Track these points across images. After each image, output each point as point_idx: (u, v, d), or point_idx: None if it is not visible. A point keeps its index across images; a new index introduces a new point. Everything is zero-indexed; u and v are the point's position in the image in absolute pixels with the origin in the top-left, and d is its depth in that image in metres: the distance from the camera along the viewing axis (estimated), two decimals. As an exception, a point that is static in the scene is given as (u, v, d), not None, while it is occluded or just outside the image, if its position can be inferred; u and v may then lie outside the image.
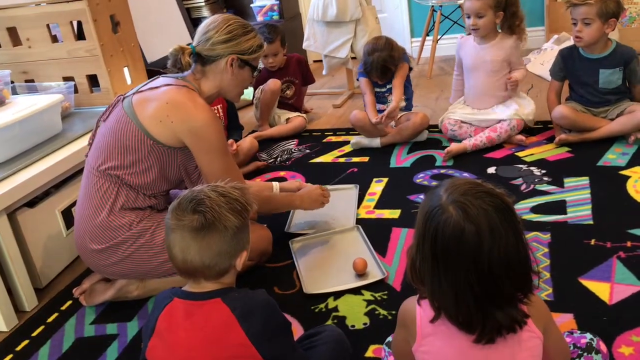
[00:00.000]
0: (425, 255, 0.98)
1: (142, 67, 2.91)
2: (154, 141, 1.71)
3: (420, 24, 4.61)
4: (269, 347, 1.12)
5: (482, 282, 0.94)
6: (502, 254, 0.93)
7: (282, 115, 3.38)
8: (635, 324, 1.46)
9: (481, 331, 0.98)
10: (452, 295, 0.96)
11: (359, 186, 2.47)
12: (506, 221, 0.95)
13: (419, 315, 1.06)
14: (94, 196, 1.75)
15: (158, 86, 1.77)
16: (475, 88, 2.82)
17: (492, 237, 0.93)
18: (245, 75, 1.85)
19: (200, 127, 1.71)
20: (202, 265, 1.13)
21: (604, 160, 2.41)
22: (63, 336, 1.78)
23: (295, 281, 1.88)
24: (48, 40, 2.65)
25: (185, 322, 1.13)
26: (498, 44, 2.73)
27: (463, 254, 0.94)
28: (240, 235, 1.16)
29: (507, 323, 0.97)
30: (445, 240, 0.95)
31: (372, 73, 2.86)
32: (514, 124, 2.67)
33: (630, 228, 1.88)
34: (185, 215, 1.13)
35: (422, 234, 0.98)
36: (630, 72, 2.51)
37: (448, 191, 0.98)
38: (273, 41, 3.23)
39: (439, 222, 0.95)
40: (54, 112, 2.28)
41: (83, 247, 1.79)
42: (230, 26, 1.78)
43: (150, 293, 1.87)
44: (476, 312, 0.96)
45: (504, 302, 0.97)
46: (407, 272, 1.06)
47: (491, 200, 0.96)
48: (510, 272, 0.95)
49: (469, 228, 0.93)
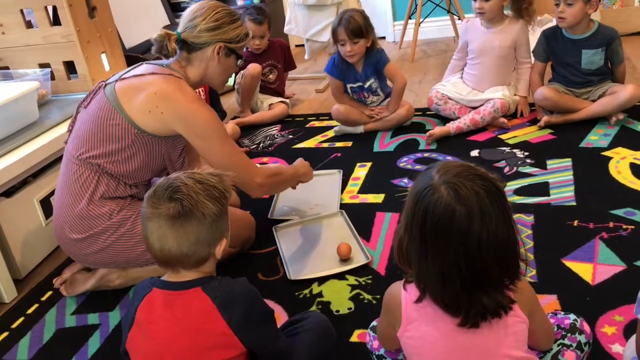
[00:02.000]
0: (413, 236, 0.97)
1: (120, 53, 2.86)
2: (138, 130, 1.68)
3: (403, 7, 4.57)
4: (251, 335, 1.11)
5: (469, 264, 0.93)
6: (492, 237, 0.92)
7: (265, 101, 3.35)
8: (617, 303, 1.47)
9: (466, 314, 0.97)
10: (439, 276, 0.95)
11: (342, 171, 2.46)
12: (497, 205, 0.94)
13: (404, 300, 1.05)
14: (73, 185, 1.71)
15: (143, 74, 1.73)
16: (481, 71, 2.80)
17: (482, 220, 0.92)
18: (231, 64, 1.83)
19: (192, 115, 1.69)
20: (181, 254, 1.11)
21: (586, 141, 2.42)
22: (44, 327, 1.75)
23: (279, 267, 1.87)
24: (22, 26, 2.58)
25: (165, 313, 1.11)
26: (506, 29, 2.70)
27: (452, 235, 0.93)
28: (218, 223, 1.14)
29: (493, 308, 0.96)
30: (435, 221, 0.93)
31: (339, 28, 2.66)
32: (497, 106, 2.66)
33: (613, 209, 1.89)
34: (162, 204, 1.10)
35: (412, 214, 0.97)
36: (612, 52, 2.52)
37: (440, 172, 0.97)
38: (262, 22, 3.20)
39: (430, 202, 0.94)
40: (29, 99, 2.23)
41: (62, 237, 1.76)
42: (217, 14, 1.75)
43: (132, 282, 1.84)
44: (462, 294, 0.95)
45: (490, 287, 0.96)
46: (394, 253, 1.05)
47: (483, 183, 0.95)
48: (499, 257, 0.94)
49: (460, 209, 0.92)
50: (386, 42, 4.79)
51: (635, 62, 3.30)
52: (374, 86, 2.84)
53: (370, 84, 2.83)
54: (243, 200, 2.27)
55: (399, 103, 2.82)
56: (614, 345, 1.34)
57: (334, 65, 2.82)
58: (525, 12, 2.68)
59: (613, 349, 1.34)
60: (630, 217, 1.83)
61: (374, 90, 2.86)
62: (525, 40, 2.73)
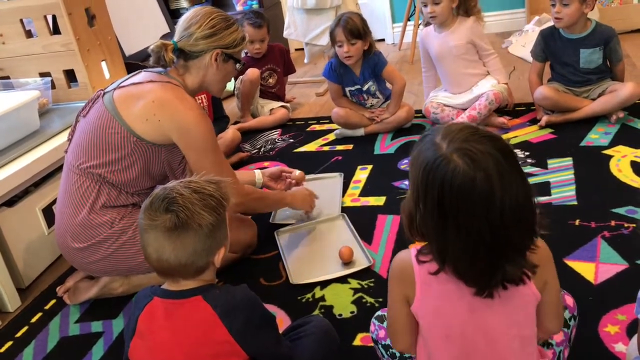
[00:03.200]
0: (428, 210, 0.92)
1: (120, 60, 2.87)
2: (138, 138, 1.68)
3: (401, 9, 4.59)
4: (253, 342, 1.10)
5: (493, 232, 0.88)
6: (514, 201, 0.88)
7: (266, 106, 3.35)
8: (620, 302, 1.46)
9: (487, 283, 0.93)
10: (462, 248, 0.91)
11: (343, 174, 2.46)
12: (513, 165, 0.90)
13: (417, 270, 1.00)
14: (74, 194, 1.72)
15: (141, 82, 1.73)
16: (449, 75, 2.82)
17: (502, 183, 0.87)
18: (229, 69, 1.82)
19: (189, 125, 1.68)
20: (178, 264, 1.10)
21: (587, 140, 2.42)
22: (47, 336, 1.75)
23: (282, 272, 1.87)
24: (22, 36, 2.59)
25: (166, 323, 1.11)
26: (457, 28, 2.72)
27: (474, 204, 0.88)
28: (216, 233, 1.13)
29: (516, 275, 0.93)
30: (455, 192, 0.88)
31: (337, 29, 2.68)
32: (491, 98, 2.65)
33: (614, 207, 1.89)
34: (158, 215, 1.09)
35: (423, 187, 0.91)
36: (610, 51, 2.51)
37: (446, 139, 0.91)
38: (262, 26, 3.22)
39: (446, 172, 0.88)
40: (30, 108, 2.24)
41: (65, 246, 1.77)
42: (212, 20, 1.74)
43: (135, 289, 1.84)
44: (486, 263, 0.91)
45: (514, 252, 0.92)
46: (405, 228, 1.00)
47: (494, 144, 0.90)
48: (521, 220, 0.90)
49: (480, 176, 0.87)
50: (385, 44, 4.80)
51: (635, 60, 3.30)
52: (372, 89, 2.84)
53: (369, 86, 2.83)
54: (244, 205, 2.27)
55: (399, 105, 2.82)
56: (617, 345, 1.34)
57: (331, 69, 2.83)
58: (473, 11, 2.71)
59: (616, 348, 1.33)
60: (632, 216, 1.83)
61: (373, 93, 2.86)
62: (480, 34, 2.74)
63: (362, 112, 2.88)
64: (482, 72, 2.79)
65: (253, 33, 3.22)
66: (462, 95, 2.79)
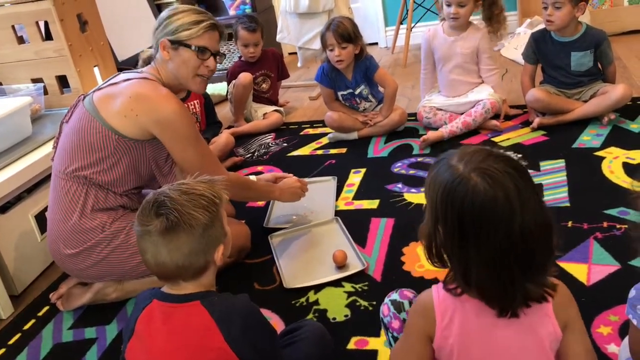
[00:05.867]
0: (449, 231, 0.93)
1: (112, 65, 2.87)
2: (119, 136, 1.69)
3: (394, 12, 4.60)
4: (249, 352, 1.09)
5: (514, 249, 0.90)
6: (532, 218, 0.89)
7: (259, 110, 3.36)
8: (612, 303, 1.47)
9: (510, 303, 0.94)
10: (485, 267, 0.91)
11: (337, 178, 2.46)
12: (529, 184, 0.91)
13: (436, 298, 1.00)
14: (63, 200, 1.72)
15: (118, 82, 1.75)
16: (448, 78, 2.82)
17: (521, 201, 0.89)
18: (185, 56, 1.76)
19: (167, 117, 1.68)
20: (176, 267, 1.11)
21: (579, 142, 2.43)
22: (41, 343, 1.75)
23: (275, 276, 1.87)
24: (14, 42, 2.59)
25: (164, 327, 1.11)
26: (467, 36, 2.72)
27: (496, 222, 0.89)
28: (210, 231, 1.13)
29: (538, 293, 0.94)
30: (477, 211, 0.89)
31: (328, 33, 2.68)
32: (488, 107, 2.66)
33: (606, 208, 1.90)
34: (150, 221, 1.10)
35: (444, 208, 0.92)
36: (601, 54, 2.53)
37: (463, 160, 0.93)
38: (255, 30, 3.21)
39: (466, 192, 0.90)
40: (23, 115, 2.23)
41: (57, 253, 1.76)
42: (160, 16, 1.79)
43: (129, 295, 1.84)
44: (509, 282, 0.92)
45: (535, 270, 0.93)
46: (425, 254, 1.00)
47: (510, 163, 0.92)
48: (540, 238, 0.91)
49: (500, 194, 0.88)
50: (378, 48, 4.81)
51: (626, 62, 3.32)
52: (364, 93, 2.85)
53: (361, 90, 2.84)
54: (238, 209, 2.27)
55: (392, 108, 2.83)
56: (610, 346, 1.35)
57: (323, 73, 2.84)
58: (496, 19, 2.69)
59: (609, 349, 1.34)
60: (624, 217, 1.84)
61: (365, 96, 2.87)
62: (487, 49, 2.74)
63: (356, 115, 2.89)
64: (479, 81, 2.80)
65: (247, 37, 3.22)
66: (457, 99, 2.80)
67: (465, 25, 2.72)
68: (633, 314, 1.06)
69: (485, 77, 2.79)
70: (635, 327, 1.06)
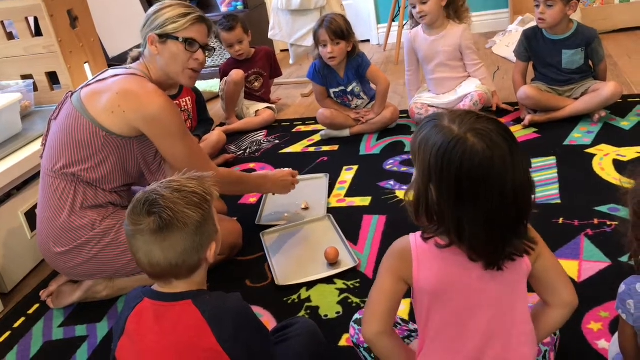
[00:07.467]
0: (444, 190, 0.93)
1: (103, 62, 2.85)
2: (107, 132, 1.67)
3: (386, 9, 4.60)
4: (240, 351, 1.08)
5: (506, 207, 0.93)
6: (522, 177, 0.93)
7: (251, 107, 3.35)
8: (603, 299, 1.48)
9: (498, 257, 0.97)
10: (479, 225, 0.93)
11: (329, 175, 2.46)
12: (517, 144, 0.94)
13: (414, 248, 1.03)
14: (52, 198, 1.71)
15: (106, 78, 1.74)
16: (434, 76, 2.83)
17: (513, 161, 0.92)
18: (174, 50, 1.75)
19: (154, 112, 1.67)
20: (170, 266, 1.09)
21: (570, 139, 2.44)
22: (31, 341, 1.74)
23: (267, 273, 1.86)
24: (3, 38, 2.57)
25: (155, 326, 1.09)
26: (448, 34, 2.73)
27: (492, 181, 0.91)
28: (203, 228, 1.12)
29: (522, 247, 0.98)
30: (474, 170, 0.91)
31: (320, 29, 2.68)
32: (476, 99, 2.66)
33: (597, 205, 1.91)
34: (141, 219, 1.08)
35: (439, 168, 0.93)
36: (592, 51, 2.54)
37: (456, 122, 0.94)
38: (233, 28, 3.20)
39: (464, 152, 0.91)
40: (12, 111, 2.22)
41: (47, 252, 1.75)
42: (148, 11, 1.78)
43: (119, 292, 1.83)
44: (500, 238, 0.95)
45: (521, 227, 0.97)
46: (410, 213, 1.01)
47: (499, 124, 0.94)
48: (525, 197, 0.94)
49: (496, 154, 0.91)
50: (370, 45, 4.81)
51: (617, 59, 3.34)
52: (356, 90, 2.85)
53: (353, 87, 2.83)
54: (230, 207, 2.27)
55: (384, 105, 2.82)
56: (600, 342, 1.35)
57: (315, 71, 2.83)
58: (461, 10, 2.72)
59: (599, 345, 1.35)
60: (615, 214, 1.85)
61: (357, 94, 2.86)
62: (469, 45, 2.74)
63: (348, 112, 2.88)
64: (466, 75, 2.81)
65: (227, 37, 3.21)
66: (446, 95, 2.81)
67: (440, 22, 2.72)
68: (622, 309, 1.06)
69: (472, 72, 2.79)
70: (625, 321, 1.07)
